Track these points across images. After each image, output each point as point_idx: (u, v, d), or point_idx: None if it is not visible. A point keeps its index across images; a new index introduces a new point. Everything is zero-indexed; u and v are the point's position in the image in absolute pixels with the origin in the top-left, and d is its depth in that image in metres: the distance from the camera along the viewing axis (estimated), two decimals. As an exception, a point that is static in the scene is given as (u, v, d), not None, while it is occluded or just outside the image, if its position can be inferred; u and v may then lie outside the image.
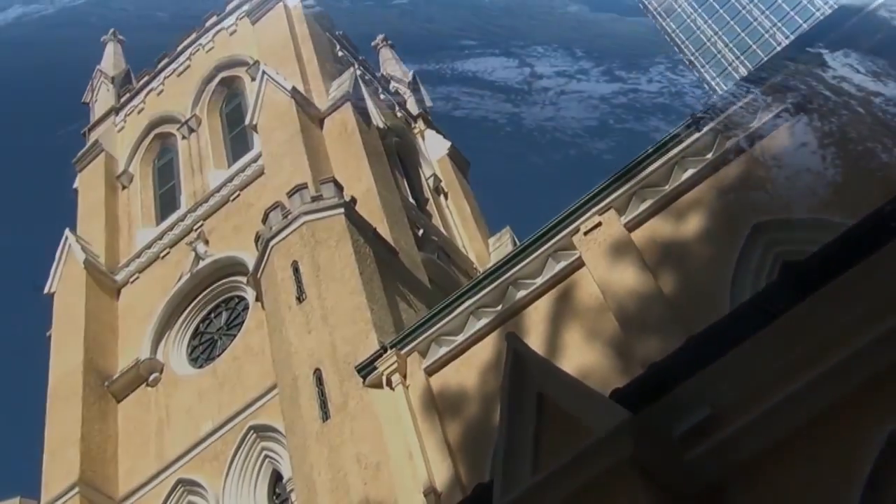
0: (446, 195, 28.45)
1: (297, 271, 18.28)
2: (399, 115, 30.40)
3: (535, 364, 7.82)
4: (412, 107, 32.47)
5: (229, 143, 27.55)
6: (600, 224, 14.63)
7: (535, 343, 13.70)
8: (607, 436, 6.79)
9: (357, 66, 29.74)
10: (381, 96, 29.94)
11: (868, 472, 6.26)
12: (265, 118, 24.47)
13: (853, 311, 6.60)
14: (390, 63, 35.86)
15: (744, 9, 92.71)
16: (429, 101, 34.10)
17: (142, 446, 21.03)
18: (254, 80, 26.41)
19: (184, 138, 28.17)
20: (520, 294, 15.10)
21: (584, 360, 13.57)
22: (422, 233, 23.52)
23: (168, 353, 22.49)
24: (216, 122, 28.45)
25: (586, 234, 14.69)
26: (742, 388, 6.88)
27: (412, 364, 15.45)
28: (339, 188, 20.11)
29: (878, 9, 12.89)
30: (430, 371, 15.36)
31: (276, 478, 18.80)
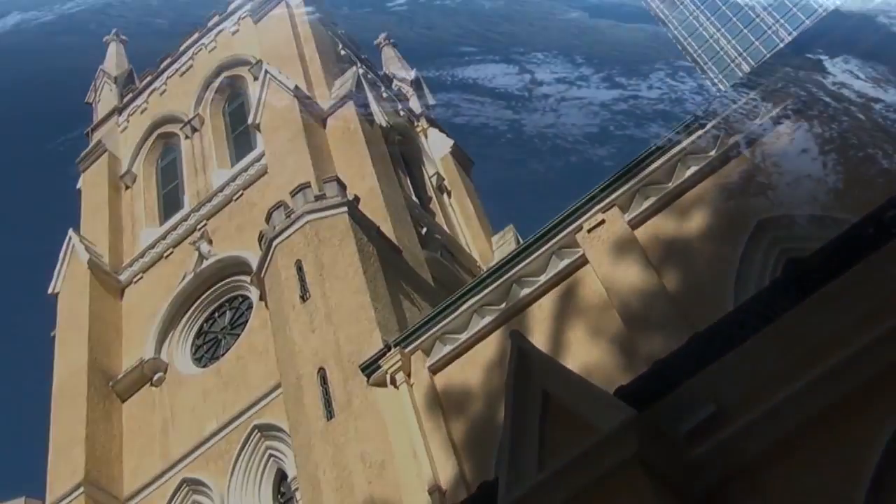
0: (449, 193, 28.40)
1: (300, 270, 18.29)
2: (402, 113, 30.37)
3: (539, 362, 7.82)
4: (415, 105, 32.44)
5: (232, 143, 27.54)
6: (604, 222, 14.61)
7: (539, 341, 13.69)
8: (612, 433, 6.79)
9: (360, 65, 29.69)
10: (384, 95, 29.89)
11: (873, 469, 6.25)
12: (268, 117, 24.47)
13: (859, 308, 6.59)
14: (393, 62, 35.81)
15: (746, 5, 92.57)
16: (431, 100, 34.04)
17: (146, 446, 21.05)
18: (256, 79, 26.41)
19: (187, 138, 28.17)
20: (524, 292, 15.09)
21: (588, 357, 13.56)
22: (425, 231, 23.50)
23: (172, 352, 22.50)
24: (219, 121, 28.44)
25: (590, 231, 14.67)
26: (747, 386, 6.87)
27: (416, 362, 15.44)
28: (343, 187, 20.11)
29: (877, 14, 12.87)
30: (435, 369, 15.35)
31: (281, 477, 18.80)
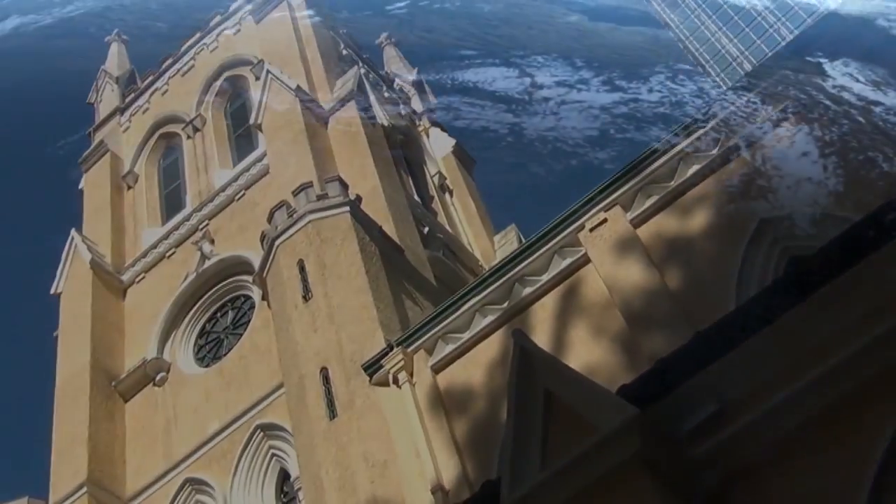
0: (451, 193, 28.40)
1: (302, 270, 18.29)
2: (403, 113, 30.35)
3: (541, 361, 7.81)
4: (416, 105, 32.43)
5: (234, 143, 27.54)
6: (606, 220, 14.60)
7: (541, 340, 13.69)
8: (614, 432, 6.78)
9: (361, 65, 29.70)
10: (386, 95, 29.90)
11: (875, 469, 6.24)
12: (270, 117, 24.47)
13: (862, 305, 6.57)
14: (394, 61, 35.81)
15: (748, 4, 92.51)
16: (432, 98, 34.04)
17: (149, 446, 21.05)
18: (258, 79, 26.40)
19: (189, 138, 28.17)
20: (526, 291, 15.08)
21: (590, 356, 13.56)
22: (427, 230, 23.49)
23: (175, 352, 22.50)
24: (221, 121, 28.43)
25: (592, 230, 14.66)
26: (749, 385, 6.86)
27: (419, 362, 15.44)
28: (345, 187, 20.10)
29: (876, 17, 12.86)
30: (437, 369, 15.35)
31: (284, 476, 18.79)
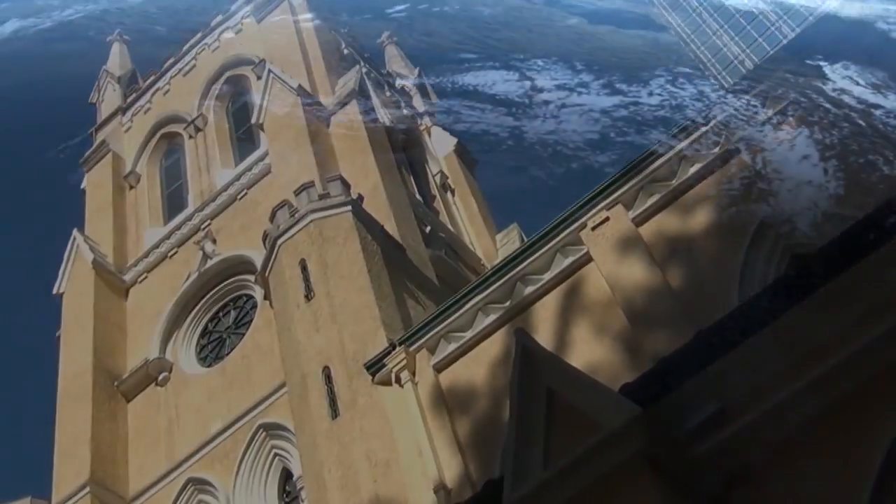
0: (453, 192, 28.39)
1: (305, 269, 18.29)
2: (405, 112, 30.34)
3: (544, 360, 7.81)
4: (418, 104, 32.42)
5: (236, 142, 27.54)
6: (608, 219, 14.60)
7: (543, 339, 13.68)
8: (617, 431, 6.78)
9: (363, 65, 29.69)
10: (387, 94, 29.90)
11: (876, 469, 6.23)
12: (271, 117, 24.47)
13: (864, 304, 6.56)
14: (396, 61, 35.79)
15: (749, 3, 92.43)
16: (435, 98, 34.02)
17: (152, 445, 21.06)
18: (260, 78, 26.40)
19: (190, 138, 28.17)
20: (528, 290, 15.09)
21: (592, 355, 13.55)
22: (429, 230, 23.48)
23: (177, 352, 22.51)
24: (222, 121, 28.43)
25: (594, 229, 14.66)
26: (751, 383, 6.85)
27: (421, 361, 15.45)
28: (346, 186, 20.10)
29: (876, 20, 12.85)
30: (439, 368, 15.35)
31: (287, 476, 18.80)
